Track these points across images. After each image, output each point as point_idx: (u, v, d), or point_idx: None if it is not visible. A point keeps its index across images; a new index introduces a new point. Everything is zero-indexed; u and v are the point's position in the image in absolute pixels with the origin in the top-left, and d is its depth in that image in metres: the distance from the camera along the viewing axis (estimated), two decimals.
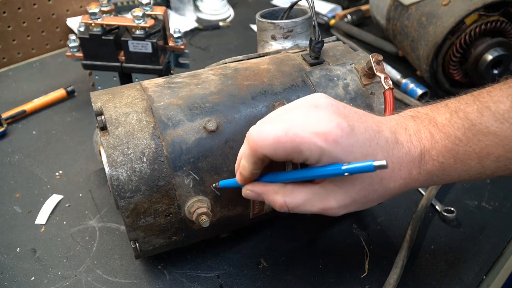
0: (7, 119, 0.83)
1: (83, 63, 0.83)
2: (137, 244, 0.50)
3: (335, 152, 0.38)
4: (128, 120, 0.47)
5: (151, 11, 0.79)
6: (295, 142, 0.38)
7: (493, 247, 0.60)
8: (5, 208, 0.67)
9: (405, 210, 0.65)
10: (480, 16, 0.81)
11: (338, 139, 0.38)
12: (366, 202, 0.42)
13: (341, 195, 0.40)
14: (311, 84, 0.53)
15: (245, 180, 0.44)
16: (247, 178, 0.44)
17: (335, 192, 0.40)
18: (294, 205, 0.42)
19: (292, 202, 0.42)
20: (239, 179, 0.44)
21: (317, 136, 0.37)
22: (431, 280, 0.56)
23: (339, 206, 0.41)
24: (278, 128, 0.38)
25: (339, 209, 0.41)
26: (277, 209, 0.43)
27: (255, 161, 0.41)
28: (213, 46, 1.12)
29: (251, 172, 0.42)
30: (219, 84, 0.52)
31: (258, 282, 0.56)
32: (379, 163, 0.35)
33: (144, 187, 0.45)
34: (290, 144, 0.38)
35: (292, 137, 0.38)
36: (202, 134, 0.47)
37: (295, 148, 0.38)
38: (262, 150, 0.39)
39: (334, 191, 0.40)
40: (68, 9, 1.11)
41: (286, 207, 0.42)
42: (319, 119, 0.39)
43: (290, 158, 0.39)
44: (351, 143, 0.38)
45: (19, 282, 0.56)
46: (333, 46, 0.60)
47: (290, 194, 0.42)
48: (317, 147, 0.37)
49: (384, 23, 1.02)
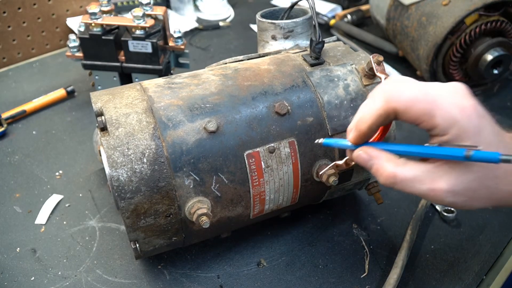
0: (7, 119, 0.83)
1: (83, 63, 0.83)
2: (137, 245, 0.50)
3: (466, 127, 0.38)
4: (128, 120, 0.47)
5: (151, 11, 0.79)
6: (432, 104, 0.38)
7: (493, 247, 0.60)
8: (5, 208, 0.67)
9: (405, 210, 0.65)
10: (480, 16, 0.81)
11: (473, 116, 0.38)
12: (473, 198, 0.40)
13: (454, 179, 0.39)
14: (312, 84, 0.53)
15: (358, 137, 0.43)
16: (361, 135, 0.42)
17: (449, 175, 0.39)
18: (402, 178, 0.40)
19: (402, 174, 0.40)
20: (353, 135, 0.43)
21: (454, 107, 0.38)
22: (431, 280, 0.56)
23: (448, 190, 0.39)
24: (417, 88, 0.38)
25: (447, 193, 0.39)
26: (382, 180, 0.42)
27: (380, 114, 0.40)
28: (213, 46, 1.12)
29: (369, 127, 0.41)
30: (220, 84, 0.52)
31: (258, 282, 0.56)
32: (506, 157, 0.35)
33: (144, 188, 0.45)
34: (425, 106, 0.38)
35: (430, 99, 0.38)
36: (203, 135, 0.47)
37: (430, 111, 0.38)
38: (395, 104, 0.39)
39: (447, 173, 0.39)
40: (68, 9, 1.11)
41: (395, 178, 0.40)
42: (457, 94, 0.39)
43: (419, 121, 0.39)
44: (482, 126, 0.38)
45: (19, 282, 0.56)
46: (334, 46, 0.60)
47: (403, 166, 0.40)
48: (451, 116, 0.37)
49: (384, 23, 1.02)
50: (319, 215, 0.65)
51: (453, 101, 0.38)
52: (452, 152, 0.38)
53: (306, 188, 0.54)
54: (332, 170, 0.51)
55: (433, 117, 0.38)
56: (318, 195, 0.57)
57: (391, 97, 0.39)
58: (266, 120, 0.50)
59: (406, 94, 0.38)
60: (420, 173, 0.40)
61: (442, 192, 0.39)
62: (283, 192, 0.52)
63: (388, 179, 0.41)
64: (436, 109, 0.38)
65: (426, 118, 0.38)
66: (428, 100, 0.38)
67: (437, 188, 0.39)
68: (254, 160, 0.49)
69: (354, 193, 0.69)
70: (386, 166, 0.41)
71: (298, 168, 0.51)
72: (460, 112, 0.38)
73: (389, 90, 0.39)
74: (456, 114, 0.38)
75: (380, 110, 0.40)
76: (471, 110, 0.38)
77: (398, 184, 0.41)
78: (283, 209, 0.56)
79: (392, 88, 0.39)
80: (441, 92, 0.39)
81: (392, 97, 0.39)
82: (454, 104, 0.38)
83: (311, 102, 0.52)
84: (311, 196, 0.56)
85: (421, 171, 0.40)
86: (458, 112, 0.38)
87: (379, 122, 0.41)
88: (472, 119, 0.38)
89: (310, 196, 0.56)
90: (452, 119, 0.38)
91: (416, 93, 0.38)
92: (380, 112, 0.40)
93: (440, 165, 0.39)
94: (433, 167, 0.40)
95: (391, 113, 0.40)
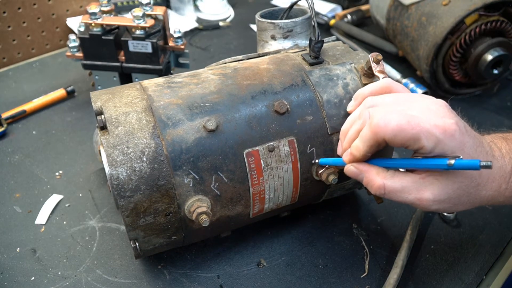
0: (7, 119, 0.83)
1: (83, 63, 0.83)
2: (137, 244, 0.50)
3: (449, 145, 0.41)
4: (128, 119, 0.47)
5: (151, 11, 0.79)
6: (416, 130, 0.41)
7: (493, 247, 0.60)
8: (5, 208, 0.67)
9: (405, 210, 0.65)
10: (480, 16, 0.81)
11: (455, 135, 0.41)
12: (457, 204, 0.44)
13: (438, 190, 0.43)
14: (311, 83, 0.53)
15: (354, 161, 0.47)
16: (356, 159, 0.46)
17: (434, 185, 0.43)
18: (391, 189, 0.44)
19: (391, 186, 0.44)
20: (349, 159, 0.47)
21: (437, 128, 0.41)
22: (431, 280, 0.56)
23: (434, 199, 0.43)
24: (401, 117, 0.41)
25: (433, 202, 0.43)
26: (373, 191, 0.46)
27: (372, 144, 0.44)
28: (213, 46, 1.12)
29: (364, 154, 0.45)
30: (219, 83, 0.52)
31: (258, 282, 0.56)
32: (485, 163, 0.38)
33: (144, 186, 0.45)
34: (410, 132, 0.41)
35: (414, 125, 0.41)
36: (202, 133, 0.47)
37: (415, 135, 0.41)
38: (383, 135, 0.42)
39: (432, 184, 0.43)
40: (68, 9, 1.12)
41: (384, 189, 0.44)
42: (438, 114, 0.42)
43: (406, 145, 0.42)
44: (464, 142, 0.42)
45: (19, 282, 0.56)
46: (333, 46, 0.60)
47: (391, 178, 0.44)
48: (435, 137, 0.41)
49: (384, 23, 1.02)
50: (319, 215, 0.65)
51: (436, 123, 0.41)
52: (436, 162, 0.42)
53: (305, 187, 0.53)
54: (331, 169, 0.51)
55: (418, 141, 0.41)
56: (317, 194, 0.57)
57: (379, 129, 0.42)
58: (265, 119, 0.50)
59: (392, 124, 0.41)
60: (406, 184, 0.44)
61: (428, 201, 0.43)
62: (282, 191, 0.52)
63: (378, 190, 0.45)
64: (420, 134, 0.41)
65: (411, 142, 0.42)
66: (412, 126, 0.41)
67: (423, 198, 0.43)
68: (253, 158, 0.49)
69: (354, 193, 0.69)
70: (375, 179, 0.45)
71: (298, 167, 0.51)
72: (443, 133, 0.41)
73: (377, 121, 0.42)
74: (439, 135, 0.41)
75: (371, 141, 0.44)
76: (453, 129, 0.41)
77: (387, 194, 0.45)
78: (283, 208, 0.56)
79: (380, 119, 0.42)
80: (423, 116, 0.42)
81: (379, 129, 0.42)
82: (437, 126, 0.41)
83: (310, 101, 0.52)
84: (311, 195, 0.56)
85: (407, 183, 0.44)
86: (440, 133, 0.41)
87: (372, 150, 0.45)
88: (454, 138, 0.41)
89: (310, 195, 0.56)
90: (435, 140, 0.41)
91: (402, 121, 0.41)
92: (371, 143, 0.44)
93: (425, 176, 0.43)
94: (419, 178, 0.44)
95: (381, 142, 0.43)
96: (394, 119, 0.41)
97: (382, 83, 0.49)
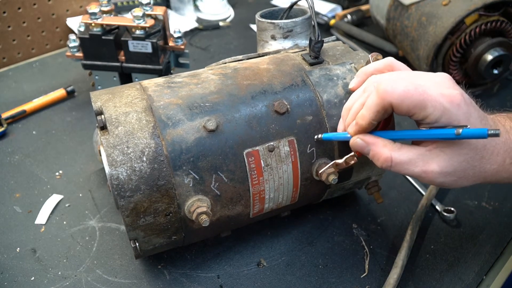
0: (7, 119, 0.83)
1: (83, 63, 0.83)
2: (137, 244, 0.50)
3: (455, 114, 0.41)
4: (128, 119, 0.47)
5: (151, 11, 0.79)
6: (423, 96, 0.41)
7: (493, 247, 0.60)
8: (5, 208, 0.67)
9: (405, 210, 0.65)
10: (480, 16, 0.81)
11: (460, 104, 0.41)
12: (461, 178, 0.44)
13: (445, 161, 0.43)
14: (311, 83, 0.53)
15: (359, 131, 0.46)
16: (362, 129, 0.46)
17: (440, 157, 0.43)
18: (398, 162, 0.44)
19: (398, 158, 0.44)
20: (354, 130, 0.46)
21: (443, 97, 0.41)
22: (431, 280, 0.56)
23: (440, 172, 0.43)
24: (408, 83, 0.42)
25: (439, 175, 0.43)
26: (379, 164, 0.45)
27: (378, 110, 0.43)
28: (213, 46, 1.12)
29: (369, 122, 0.45)
30: (219, 83, 0.52)
31: (258, 282, 0.56)
32: (493, 131, 0.38)
33: (144, 186, 0.45)
34: (417, 98, 0.41)
35: (421, 92, 0.41)
36: (202, 133, 0.47)
37: (421, 102, 0.41)
38: (390, 99, 0.42)
39: (439, 156, 0.43)
40: (68, 9, 1.12)
41: (391, 162, 0.44)
42: (444, 85, 0.43)
43: (412, 113, 0.42)
44: (470, 112, 0.42)
45: (19, 282, 0.56)
46: (333, 46, 0.60)
47: (398, 150, 0.44)
48: (442, 106, 0.41)
49: (384, 23, 1.02)
50: (319, 215, 0.65)
51: (442, 92, 0.42)
52: (444, 132, 0.41)
53: (305, 187, 0.53)
54: (331, 169, 0.51)
55: (424, 109, 0.41)
56: (317, 194, 0.57)
57: (386, 94, 0.42)
58: (265, 119, 0.50)
59: (399, 89, 0.41)
60: (413, 156, 0.44)
61: (434, 174, 0.43)
62: (282, 190, 0.52)
63: (384, 162, 0.45)
64: (426, 101, 0.41)
65: (417, 110, 0.42)
66: (419, 92, 0.41)
67: (429, 170, 0.43)
68: (253, 158, 0.49)
69: (354, 193, 0.69)
70: (382, 151, 0.45)
71: (298, 167, 0.51)
72: (449, 102, 0.41)
73: (384, 85, 0.42)
74: (446, 103, 0.41)
75: (378, 106, 0.43)
76: (459, 99, 0.42)
77: (393, 167, 0.45)
78: (283, 208, 0.56)
79: (387, 84, 0.42)
80: (430, 84, 0.42)
81: (386, 93, 0.42)
82: (443, 95, 0.41)
83: (310, 101, 0.52)
84: (311, 195, 0.56)
85: (414, 155, 0.44)
86: (447, 101, 0.41)
87: (378, 117, 0.44)
88: (460, 107, 0.41)
89: (310, 195, 0.56)
90: (442, 108, 0.41)
91: (409, 87, 0.41)
92: (377, 109, 0.43)
93: (432, 148, 0.43)
94: (426, 150, 0.43)
95: (387, 108, 0.43)
96: (401, 85, 0.42)
97: (385, 61, 0.49)
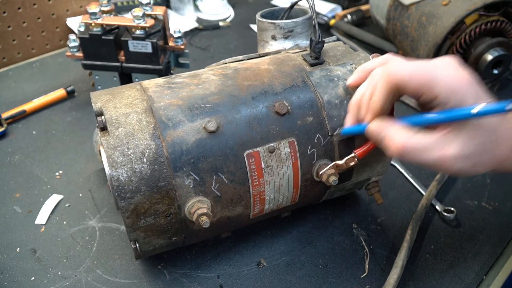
0: (7, 119, 0.83)
1: (83, 63, 0.83)
2: (137, 245, 0.50)
3: (466, 93, 0.40)
4: (128, 120, 0.47)
5: (151, 11, 0.79)
6: (430, 75, 0.40)
7: (493, 247, 0.60)
8: (5, 208, 0.67)
9: (405, 210, 0.65)
10: (480, 16, 0.81)
11: (470, 84, 0.41)
12: (477, 163, 0.43)
13: (462, 144, 0.41)
14: (312, 84, 0.53)
15: (374, 116, 0.45)
16: (376, 113, 0.45)
17: (457, 140, 0.41)
18: (412, 149, 0.42)
19: (412, 144, 0.42)
20: (369, 117, 0.46)
21: (452, 76, 0.40)
22: (431, 280, 0.56)
23: (456, 156, 0.42)
24: (413, 63, 0.41)
25: (455, 160, 0.42)
26: (391, 151, 0.44)
27: (387, 92, 0.43)
28: (213, 46, 1.12)
29: (381, 106, 0.44)
30: (220, 84, 0.52)
31: (258, 282, 0.56)
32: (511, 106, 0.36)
33: (144, 187, 0.45)
34: (425, 77, 0.40)
35: (429, 70, 0.41)
36: (203, 134, 0.47)
37: (429, 82, 0.40)
38: (398, 78, 0.41)
39: (455, 139, 0.42)
40: (68, 9, 1.11)
41: (406, 148, 0.43)
42: (451, 65, 0.42)
43: (420, 93, 0.41)
44: (478, 92, 0.41)
45: (19, 282, 0.56)
46: (334, 46, 0.60)
47: (412, 136, 0.43)
48: (451, 85, 0.40)
49: (384, 23, 1.02)
50: (319, 215, 0.65)
51: (450, 72, 0.41)
52: (460, 112, 0.40)
53: (306, 188, 0.54)
54: (332, 170, 0.51)
55: (434, 87, 0.40)
56: (318, 195, 0.57)
57: (391, 74, 0.42)
58: (266, 120, 0.50)
59: (404, 69, 0.41)
60: (430, 142, 0.42)
61: (451, 159, 0.42)
62: (283, 192, 0.52)
63: (396, 150, 0.43)
64: (434, 79, 0.40)
65: (426, 89, 0.41)
66: (426, 71, 0.41)
67: (446, 155, 0.42)
68: (254, 160, 0.49)
69: (354, 193, 0.69)
70: (397, 136, 0.43)
71: (298, 168, 0.51)
72: (459, 81, 0.40)
73: (388, 69, 0.42)
74: (455, 82, 0.40)
75: (387, 87, 0.43)
76: (467, 78, 0.41)
77: (408, 154, 0.43)
78: (283, 209, 0.56)
79: (390, 67, 0.42)
80: (436, 65, 0.41)
81: (391, 74, 0.42)
82: (451, 74, 0.41)
83: (311, 102, 0.52)
84: (311, 196, 0.56)
85: (431, 140, 0.42)
86: (456, 80, 0.40)
87: (389, 100, 0.44)
88: (469, 87, 0.41)
89: (310, 196, 0.56)
90: (452, 87, 0.40)
91: (414, 66, 0.41)
92: (385, 91, 0.43)
93: (446, 133, 0.42)
94: (441, 135, 0.42)
95: (395, 89, 0.43)
96: (408, 65, 0.41)
97: (385, 57, 0.49)
